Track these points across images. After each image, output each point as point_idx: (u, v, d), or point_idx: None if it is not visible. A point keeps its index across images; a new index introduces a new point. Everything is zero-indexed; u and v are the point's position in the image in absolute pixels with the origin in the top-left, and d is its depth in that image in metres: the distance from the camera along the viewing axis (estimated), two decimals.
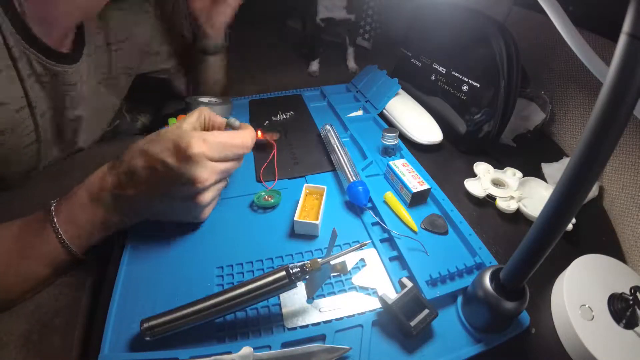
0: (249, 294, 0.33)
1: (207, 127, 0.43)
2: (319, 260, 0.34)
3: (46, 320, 0.41)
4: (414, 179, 0.48)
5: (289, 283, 0.33)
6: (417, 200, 0.48)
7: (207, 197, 0.40)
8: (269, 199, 0.49)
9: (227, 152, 0.39)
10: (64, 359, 0.39)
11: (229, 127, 0.45)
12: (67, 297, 0.43)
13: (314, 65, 1.04)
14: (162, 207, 0.40)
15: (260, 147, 0.60)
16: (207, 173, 0.37)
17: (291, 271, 0.33)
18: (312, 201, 0.48)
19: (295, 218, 0.43)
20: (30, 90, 0.46)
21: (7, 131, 0.46)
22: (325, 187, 0.48)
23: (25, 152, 0.50)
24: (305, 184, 0.48)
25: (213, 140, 0.37)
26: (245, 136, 0.41)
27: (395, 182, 0.51)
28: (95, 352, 0.33)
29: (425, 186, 0.48)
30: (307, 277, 0.34)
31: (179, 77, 0.77)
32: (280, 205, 0.49)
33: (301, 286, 0.37)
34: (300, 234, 0.45)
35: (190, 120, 0.40)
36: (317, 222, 0.43)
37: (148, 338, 0.32)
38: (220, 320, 0.36)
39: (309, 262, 0.34)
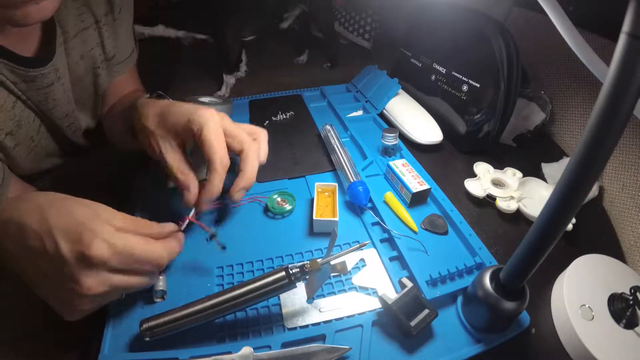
0: (249, 294, 0.33)
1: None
2: (319, 260, 0.34)
3: (46, 320, 0.41)
4: (414, 179, 0.48)
5: (288, 283, 0.33)
6: (417, 200, 0.48)
7: (82, 303, 0.30)
8: (284, 203, 0.48)
9: (136, 266, 0.31)
10: (64, 359, 0.39)
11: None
12: None
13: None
14: (28, 276, 0.32)
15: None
16: (94, 282, 0.29)
17: (291, 271, 0.33)
18: (324, 199, 0.48)
19: (314, 217, 0.44)
20: (14, 87, 0.43)
21: (14, 130, 0.45)
22: (335, 184, 0.48)
23: (39, 137, 0.49)
24: (317, 183, 0.49)
25: (122, 248, 0.30)
26: (164, 249, 0.33)
27: (395, 182, 0.51)
28: (95, 352, 0.33)
29: (425, 186, 0.47)
30: (307, 277, 0.34)
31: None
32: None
33: (301, 286, 0.37)
34: (319, 232, 0.45)
35: (116, 218, 0.32)
36: (336, 219, 0.44)
37: (147, 339, 0.32)
38: (220, 320, 0.36)
39: (308, 262, 0.34)
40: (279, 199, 0.49)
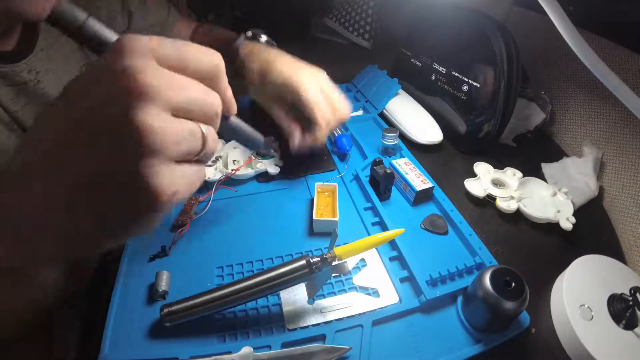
0: (269, 282, 0.34)
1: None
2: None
3: (46, 321, 0.41)
4: (417, 178, 0.49)
5: (308, 272, 0.34)
6: (421, 198, 0.48)
7: (162, 175, 0.19)
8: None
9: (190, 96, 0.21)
10: (64, 359, 0.39)
11: None
12: (66, 298, 0.43)
13: None
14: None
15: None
16: (159, 120, 0.18)
17: (311, 260, 0.34)
18: (324, 199, 0.48)
19: (314, 217, 0.44)
20: None
21: None
22: (336, 184, 0.48)
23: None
24: (317, 183, 0.49)
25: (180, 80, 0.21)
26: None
27: (398, 180, 0.51)
28: (95, 352, 0.33)
29: (429, 184, 0.48)
30: (327, 267, 0.35)
31: None
32: (278, 205, 0.49)
33: (302, 286, 0.37)
34: (319, 232, 0.45)
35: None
36: (336, 219, 0.44)
37: (167, 324, 0.33)
38: (221, 320, 0.36)
39: (328, 252, 0.34)
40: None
